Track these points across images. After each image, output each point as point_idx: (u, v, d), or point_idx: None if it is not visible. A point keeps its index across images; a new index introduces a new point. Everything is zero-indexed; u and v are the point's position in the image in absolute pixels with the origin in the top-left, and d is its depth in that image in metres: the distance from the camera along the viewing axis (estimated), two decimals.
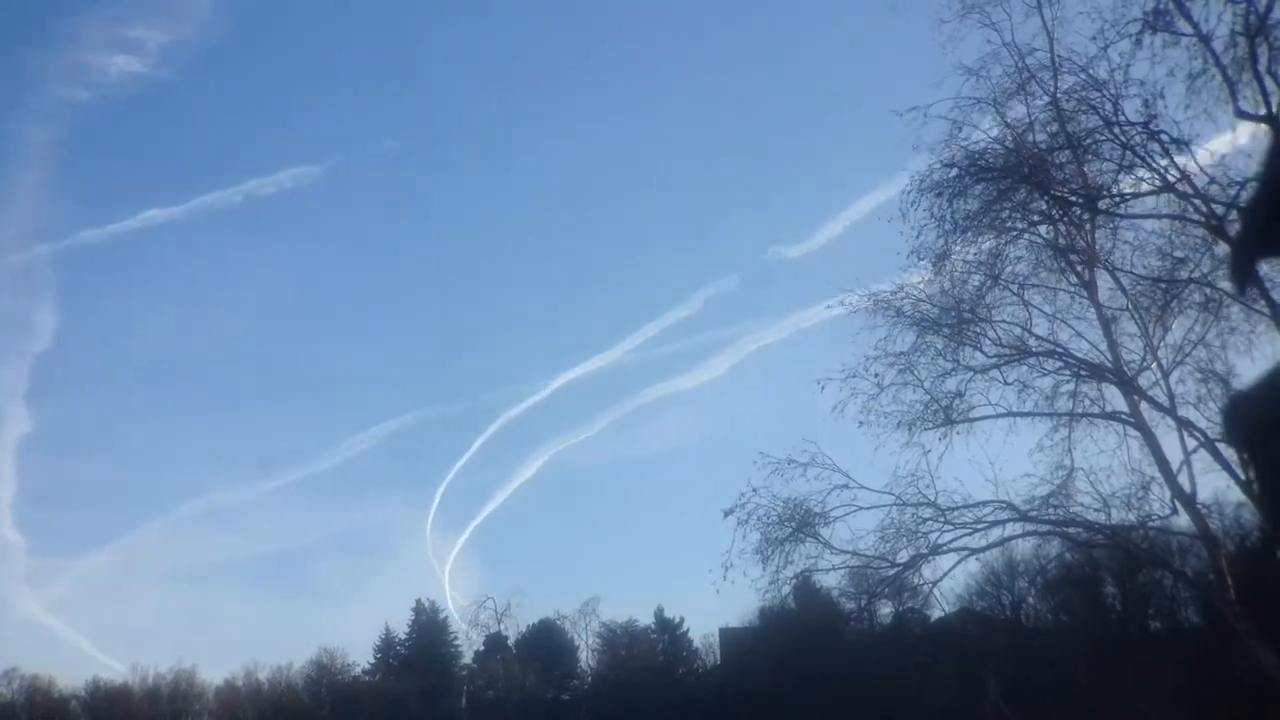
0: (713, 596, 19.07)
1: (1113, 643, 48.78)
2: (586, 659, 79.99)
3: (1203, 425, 17.19)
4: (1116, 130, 16.24)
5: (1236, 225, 14.09)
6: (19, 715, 76.13)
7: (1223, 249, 15.78)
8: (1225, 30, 14.24)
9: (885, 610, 40.57)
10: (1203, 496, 17.67)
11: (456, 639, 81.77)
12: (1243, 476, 16.17)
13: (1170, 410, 17.62)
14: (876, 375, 18.52)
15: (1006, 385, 18.68)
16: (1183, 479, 17.28)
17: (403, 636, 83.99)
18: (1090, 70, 16.21)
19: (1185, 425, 17.36)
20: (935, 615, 41.50)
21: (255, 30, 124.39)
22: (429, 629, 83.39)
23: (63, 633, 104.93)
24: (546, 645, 77.34)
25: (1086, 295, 18.42)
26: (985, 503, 18.25)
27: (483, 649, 79.55)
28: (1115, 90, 15.94)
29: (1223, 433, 13.12)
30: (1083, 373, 18.63)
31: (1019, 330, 18.77)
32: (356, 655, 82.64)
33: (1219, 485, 18.69)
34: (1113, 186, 17.00)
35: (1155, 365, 18.00)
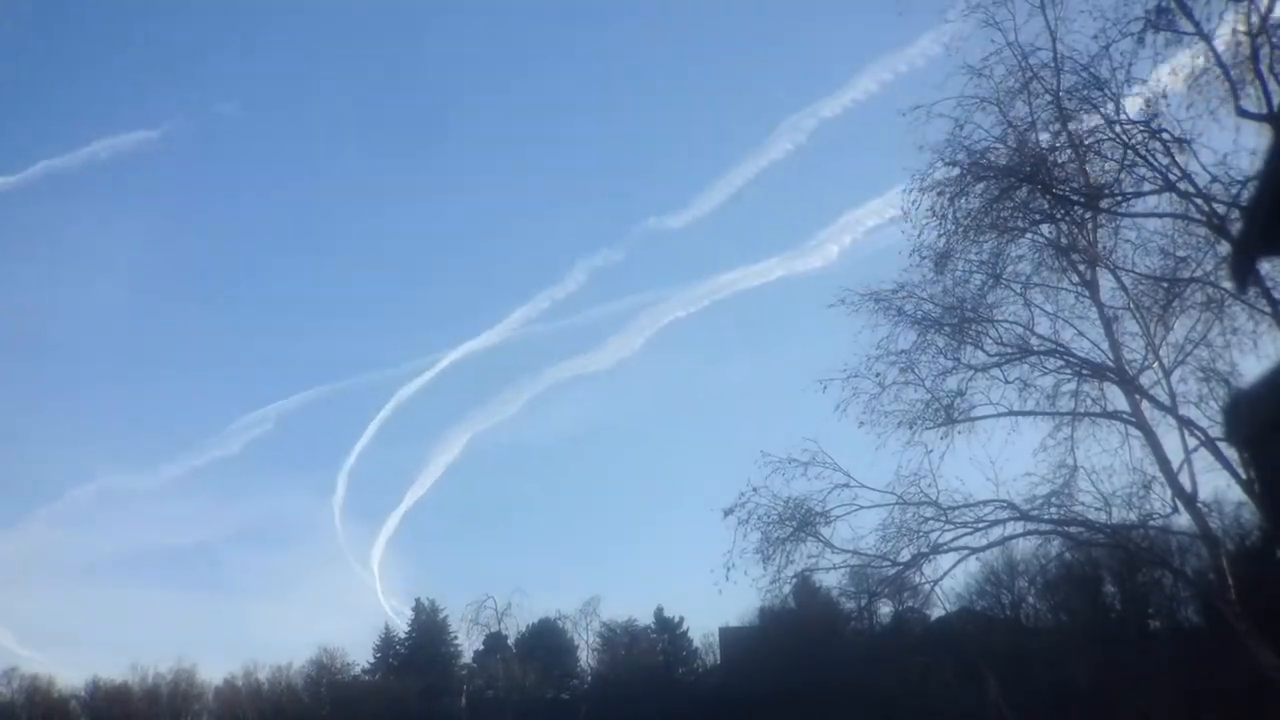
0: (713, 596, 19.07)
1: (1113, 642, 48.80)
2: (586, 658, 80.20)
3: (1204, 424, 17.18)
4: (1118, 129, 16.25)
5: (1238, 224, 14.09)
6: (19, 715, 76.22)
7: (1224, 248, 15.78)
8: (1227, 29, 14.26)
9: (885, 610, 40.60)
10: (1203, 496, 17.66)
11: (456, 638, 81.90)
12: (1244, 475, 16.15)
13: (1171, 409, 17.60)
14: (878, 375, 18.54)
15: (1008, 384, 18.69)
16: (1184, 478, 17.28)
17: (402, 636, 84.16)
18: (1092, 69, 16.22)
19: (1186, 424, 17.34)
20: (935, 615, 41.50)
21: None
22: (429, 628, 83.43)
23: None
24: (546, 645, 77.36)
25: (1088, 294, 18.41)
26: (986, 502, 18.26)
27: (482, 648, 79.58)
28: (1117, 89, 15.97)
29: (1224, 432, 13.12)
30: (1084, 372, 18.62)
31: (1021, 329, 18.79)
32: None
33: (1220, 484, 18.66)
34: (1115, 185, 16.99)
35: (1157, 364, 17.98)
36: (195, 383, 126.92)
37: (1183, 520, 17.86)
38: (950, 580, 31.25)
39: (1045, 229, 18.52)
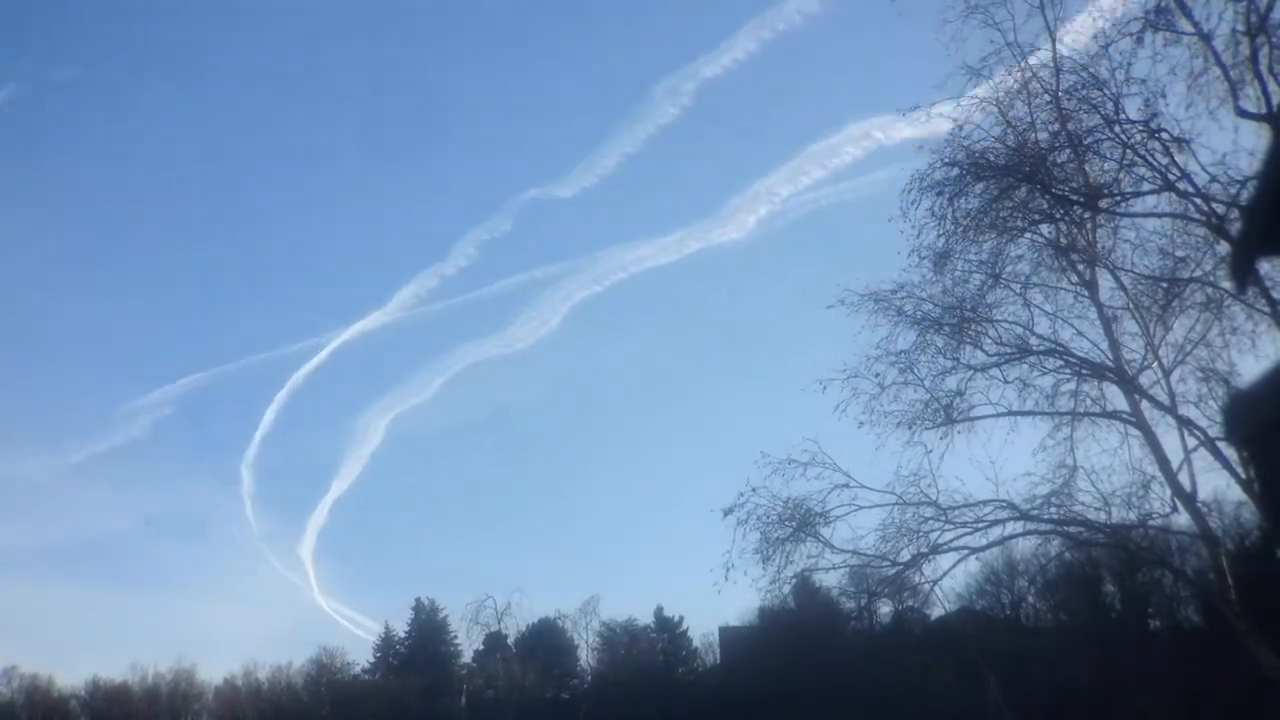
0: (713, 596, 19.08)
1: (1113, 642, 48.81)
2: (586, 658, 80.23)
3: (1203, 424, 17.18)
4: (1118, 129, 16.24)
5: (1237, 224, 14.09)
6: (19, 714, 76.22)
7: (1224, 248, 15.78)
8: (1226, 29, 14.24)
9: (885, 610, 40.61)
10: (1203, 495, 17.65)
11: (456, 638, 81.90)
12: (1243, 475, 16.15)
13: (1171, 409, 17.61)
14: (878, 375, 18.54)
15: (1007, 384, 18.69)
16: (1183, 478, 17.28)
17: (402, 635, 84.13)
18: (1091, 69, 16.24)
19: (1186, 424, 17.34)
20: (935, 615, 41.46)
21: None
22: (428, 628, 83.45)
23: None
24: (546, 644, 77.36)
25: (1087, 294, 18.42)
26: (986, 502, 18.25)
27: (482, 648, 79.59)
28: (1116, 89, 15.95)
29: (1223, 431, 13.13)
30: (1084, 372, 18.63)
31: (1020, 329, 18.79)
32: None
33: (1219, 484, 18.66)
34: (1114, 185, 16.99)
35: (1156, 364, 17.99)
36: (66, 367, 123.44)
37: (1182, 520, 17.89)
38: (950, 580, 31.33)
39: (1044, 229, 18.53)
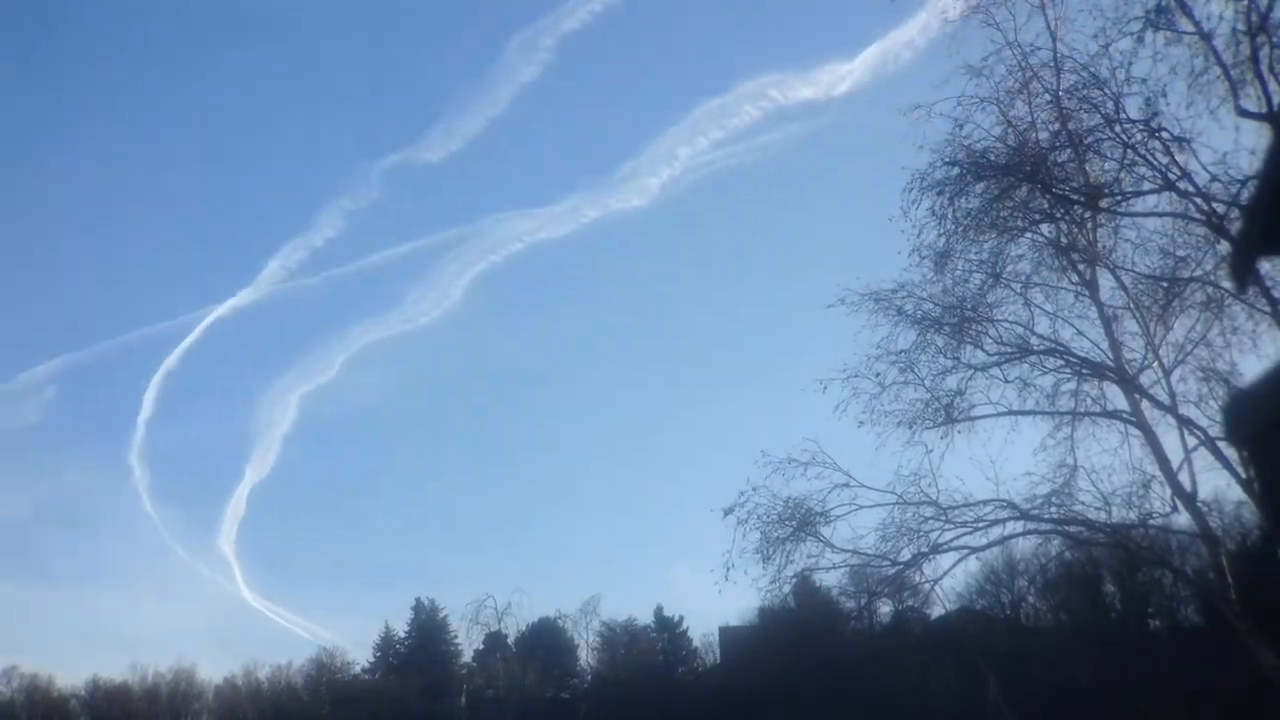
0: (712, 595, 19.11)
1: (1113, 642, 48.80)
2: (586, 658, 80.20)
3: (1204, 424, 17.17)
4: (1118, 128, 16.24)
5: (1238, 224, 14.08)
6: (19, 714, 76.23)
7: (1224, 247, 15.78)
8: (1227, 28, 14.22)
9: (885, 609, 40.63)
10: (1203, 495, 17.63)
11: (456, 637, 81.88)
12: (1243, 475, 16.14)
13: (1171, 409, 17.60)
14: (878, 374, 18.55)
15: (1008, 384, 18.69)
16: (1183, 477, 17.28)
17: (402, 635, 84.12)
18: (1092, 68, 16.22)
19: (1186, 424, 17.34)
20: (935, 614, 41.46)
21: None
22: (428, 628, 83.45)
23: None
24: (546, 644, 77.33)
25: (1088, 294, 18.41)
26: (986, 501, 18.26)
27: (482, 648, 79.57)
28: (1117, 88, 15.94)
29: (1224, 431, 13.11)
30: (1084, 371, 18.63)
31: (1020, 329, 18.78)
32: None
33: (1219, 484, 18.65)
34: (1114, 185, 16.98)
35: (1156, 364, 17.98)
36: None
37: (1182, 519, 17.89)
38: (950, 580, 31.34)
39: (1045, 228, 18.54)
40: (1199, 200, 15.79)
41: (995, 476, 18.20)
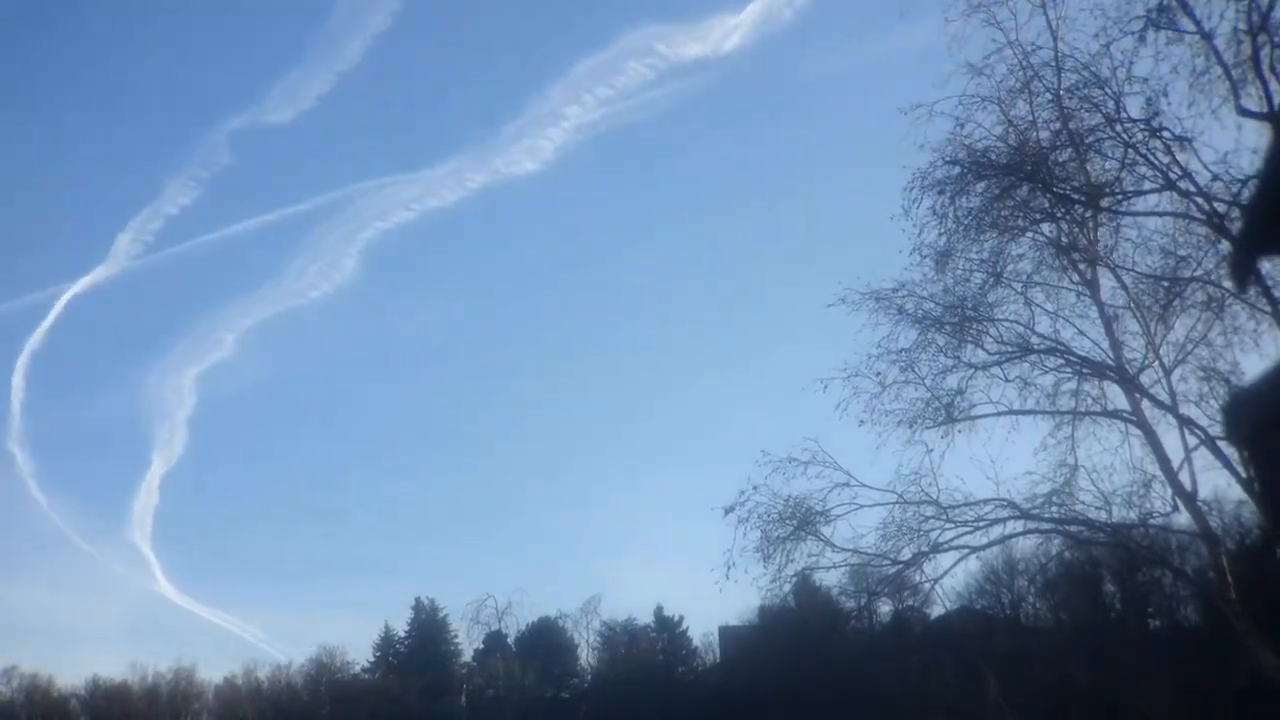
0: (713, 595, 19.13)
1: (1113, 642, 48.80)
2: (586, 657, 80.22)
3: (1204, 423, 17.15)
4: (1119, 128, 16.24)
5: (1239, 223, 14.08)
6: (19, 714, 76.22)
7: (1225, 247, 15.77)
8: (1228, 28, 14.23)
9: (885, 609, 40.67)
10: (1203, 494, 17.61)
11: (456, 637, 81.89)
12: (1244, 474, 16.14)
13: (1172, 408, 17.60)
14: (878, 373, 18.54)
15: (1008, 383, 18.68)
16: (1184, 477, 17.26)
17: (402, 635, 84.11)
18: (1093, 68, 16.23)
19: (1186, 423, 17.33)
20: (935, 614, 41.50)
21: None
22: (428, 627, 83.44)
23: None
24: (546, 644, 77.36)
25: (1089, 293, 18.40)
26: (986, 501, 18.25)
27: (482, 647, 79.58)
28: (1118, 88, 15.95)
29: (1224, 430, 13.11)
30: (1084, 370, 18.62)
31: (1021, 328, 18.76)
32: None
33: (1220, 483, 18.64)
34: (1115, 184, 16.99)
35: (1157, 363, 17.97)
36: None
37: (1183, 519, 17.89)
38: (950, 579, 31.29)
39: (1046, 228, 18.53)
40: (1200, 200, 15.80)
41: (995, 476, 18.20)
